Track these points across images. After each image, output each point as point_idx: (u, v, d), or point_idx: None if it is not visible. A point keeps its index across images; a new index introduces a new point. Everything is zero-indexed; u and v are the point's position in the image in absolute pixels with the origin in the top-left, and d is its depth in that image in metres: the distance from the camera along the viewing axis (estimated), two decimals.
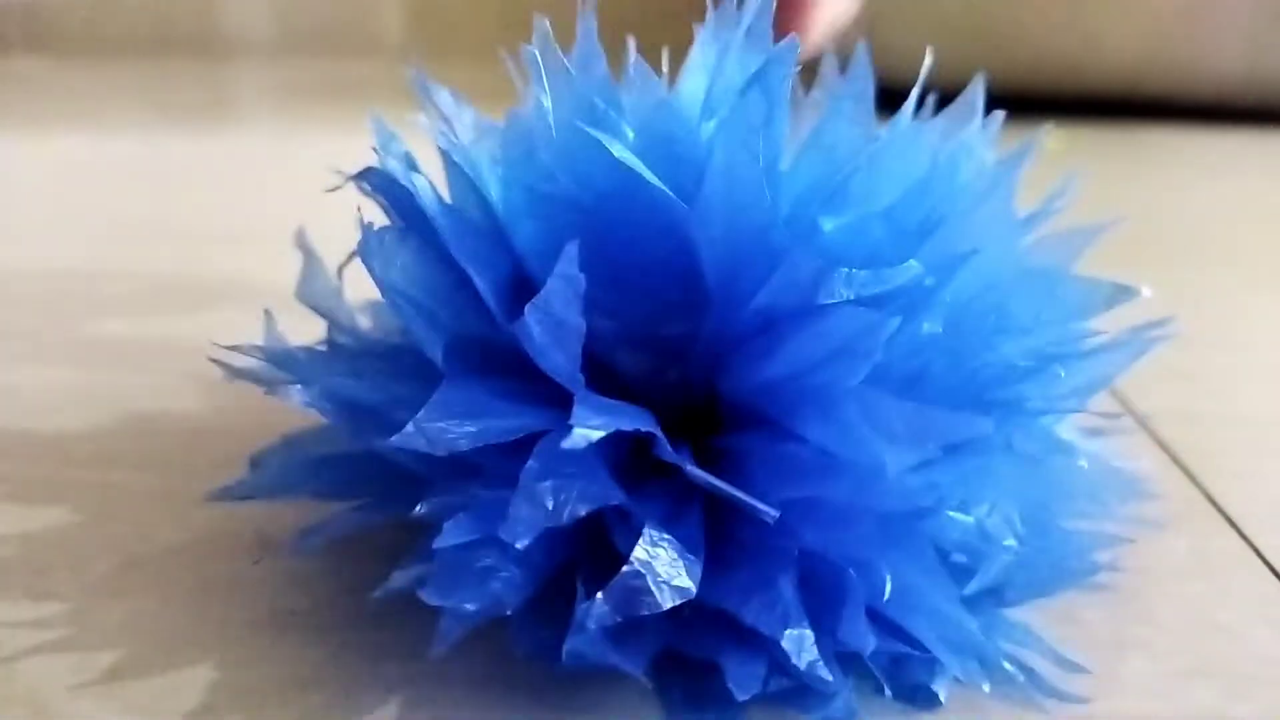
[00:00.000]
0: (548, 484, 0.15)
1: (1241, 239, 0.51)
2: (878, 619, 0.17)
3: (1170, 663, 0.19)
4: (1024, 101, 0.73)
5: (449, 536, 0.16)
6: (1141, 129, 0.79)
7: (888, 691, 0.18)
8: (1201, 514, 0.24)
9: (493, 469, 0.17)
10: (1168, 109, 0.82)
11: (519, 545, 0.15)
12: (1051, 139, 0.77)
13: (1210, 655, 0.19)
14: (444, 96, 0.20)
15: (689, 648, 0.17)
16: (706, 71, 0.19)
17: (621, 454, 0.17)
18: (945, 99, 0.21)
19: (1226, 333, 0.37)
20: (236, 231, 0.49)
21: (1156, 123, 0.81)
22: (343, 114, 0.83)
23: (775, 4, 0.23)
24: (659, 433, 0.17)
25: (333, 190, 0.22)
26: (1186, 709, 0.18)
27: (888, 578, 0.16)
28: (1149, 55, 0.80)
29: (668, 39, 0.26)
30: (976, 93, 0.20)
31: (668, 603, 0.15)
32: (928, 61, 0.21)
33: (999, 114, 0.20)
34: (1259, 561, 0.22)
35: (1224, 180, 0.65)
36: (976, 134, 0.20)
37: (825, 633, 0.16)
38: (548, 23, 0.18)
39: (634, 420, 0.16)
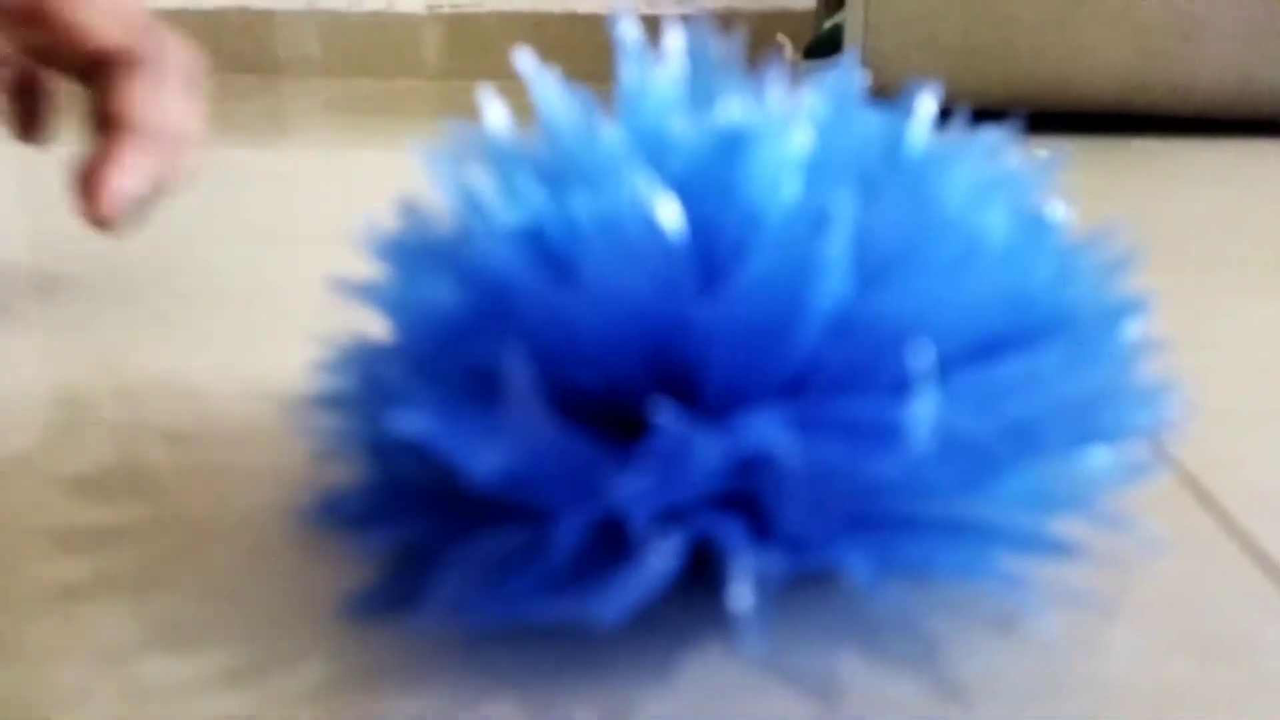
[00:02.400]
0: None
1: (1227, 246, 0.53)
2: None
3: (1152, 634, 0.21)
4: (1015, 115, 0.74)
5: None
6: (1132, 141, 0.80)
7: None
8: (1184, 498, 0.26)
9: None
10: (1158, 122, 0.83)
11: None
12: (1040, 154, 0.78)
13: (1189, 628, 0.21)
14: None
15: None
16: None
17: None
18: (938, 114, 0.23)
19: (1211, 333, 0.39)
20: (294, 233, 0.52)
21: (1147, 135, 0.82)
22: (387, 128, 0.88)
23: None
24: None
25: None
26: (1167, 677, 0.20)
27: None
28: (1139, 68, 0.81)
29: None
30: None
31: None
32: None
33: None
34: (1236, 542, 0.24)
35: (1212, 190, 0.66)
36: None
37: None
38: None
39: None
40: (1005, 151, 0.23)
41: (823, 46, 0.91)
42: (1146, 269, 0.23)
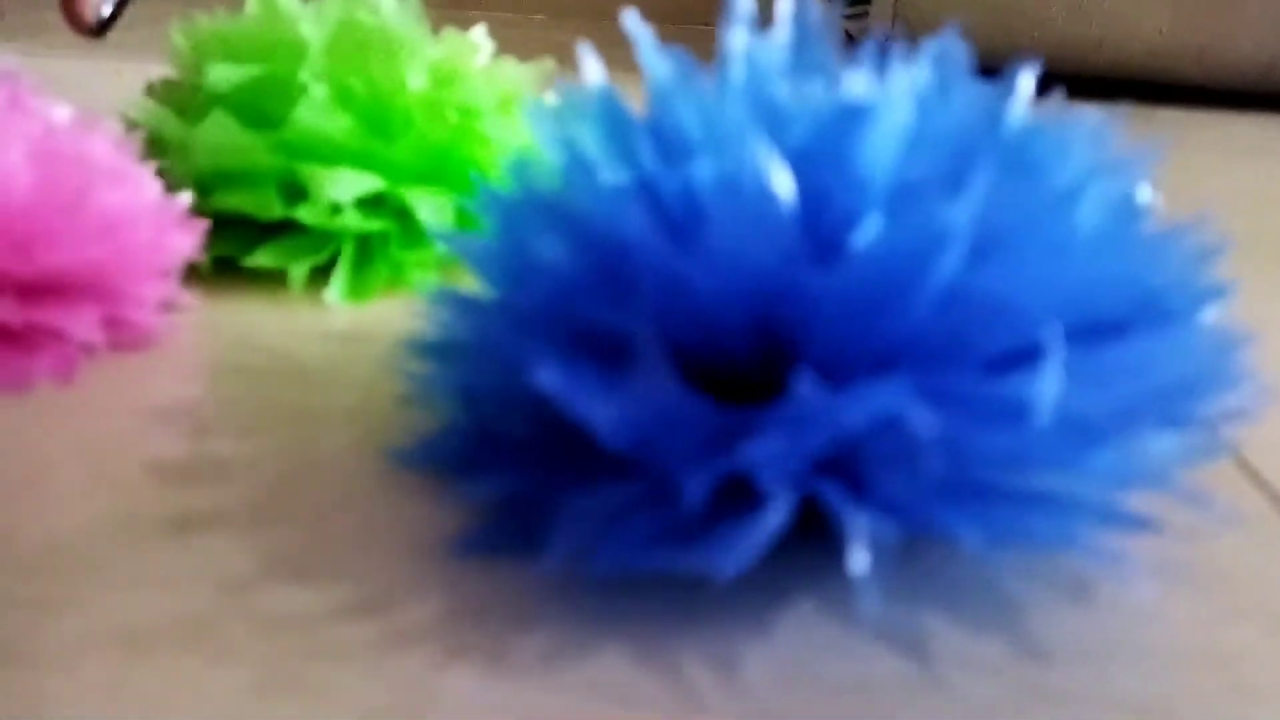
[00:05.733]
0: None
1: (1259, 224, 0.53)
2: None
3: (1211, 603, 0.22)
4: (1047, 77, 0.75)
5: None
6: (1161, 111, 0.81)
7: None
8: (1237, 476, 0.28)
9: None
10: (1190, 92, 0.84)
11: None
12: None
13: (1247, 599, 0.22)
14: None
15: None
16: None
17: None
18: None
19: (1245, 314, 0.40)
20: None
21: (1177, 105, 0.82)
22: None
23: None
24: None
25: None
26: (1228, 644, 0.21)
27: None
28: (1172, 37, 0.81)
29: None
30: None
31: None
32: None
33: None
34: None
35: (1242, 165, 0.67)
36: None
37: None
38: None
39: None
40: (1105, 134, 0.23)
41: None
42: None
